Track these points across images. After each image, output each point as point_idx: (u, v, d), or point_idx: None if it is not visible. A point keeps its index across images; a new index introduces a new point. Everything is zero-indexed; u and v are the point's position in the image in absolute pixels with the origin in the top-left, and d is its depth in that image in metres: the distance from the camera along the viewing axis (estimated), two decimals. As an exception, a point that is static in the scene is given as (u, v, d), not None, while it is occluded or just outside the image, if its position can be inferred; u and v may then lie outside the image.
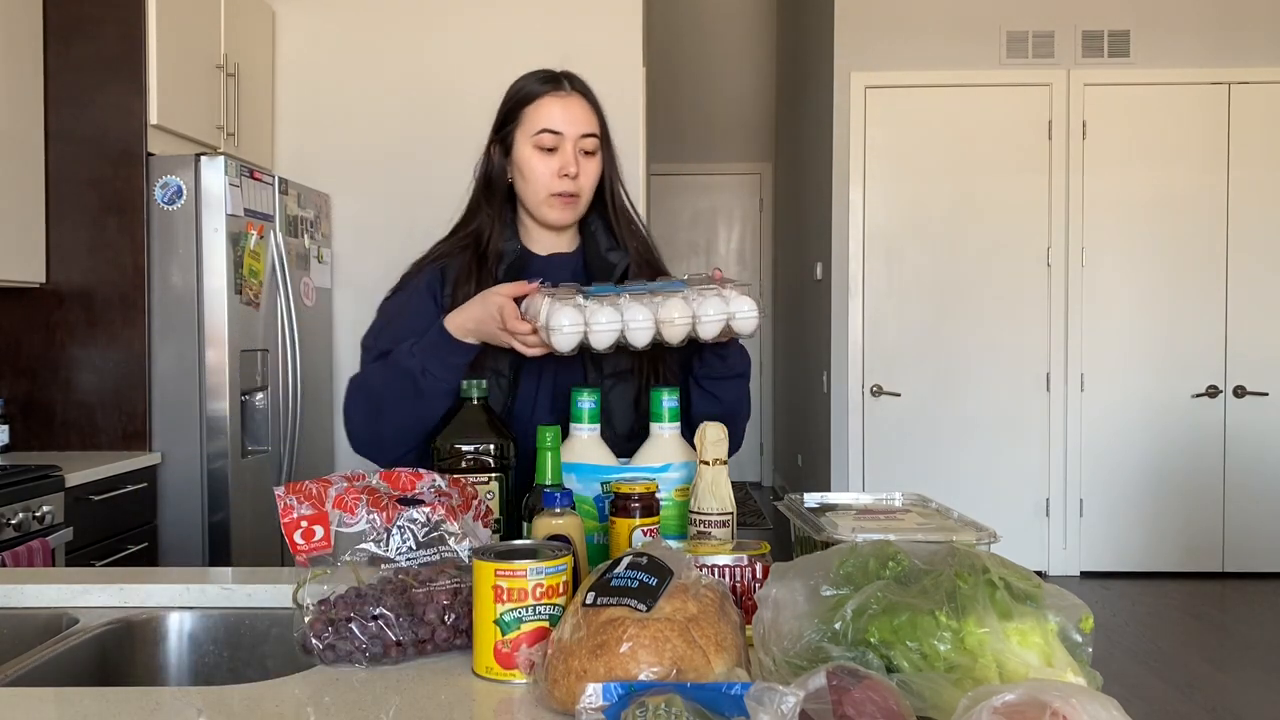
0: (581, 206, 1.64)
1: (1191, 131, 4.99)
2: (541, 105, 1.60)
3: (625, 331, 1.35)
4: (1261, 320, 4.98)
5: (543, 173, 1.60)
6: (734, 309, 1.37)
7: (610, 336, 1.35)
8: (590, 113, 1.62)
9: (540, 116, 1.60)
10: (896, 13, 5.00)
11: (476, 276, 1.61)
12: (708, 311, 1.36)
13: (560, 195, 1.60)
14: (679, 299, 1.37)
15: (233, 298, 3.22)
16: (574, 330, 1.33)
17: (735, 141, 7.73)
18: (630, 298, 1.36)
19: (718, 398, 1.56)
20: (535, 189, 1.61)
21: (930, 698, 0.88)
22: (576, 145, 1.60)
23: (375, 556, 1.19)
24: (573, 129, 1.59)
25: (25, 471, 2.67)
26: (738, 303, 1.37)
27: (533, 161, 1.60)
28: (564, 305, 1.34)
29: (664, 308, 1.36)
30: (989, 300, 5.03)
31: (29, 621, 1.37)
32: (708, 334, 1.37)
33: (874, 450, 5.05)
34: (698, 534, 1.31)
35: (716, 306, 1.36)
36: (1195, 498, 5.02)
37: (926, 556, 1.00)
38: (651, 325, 1.35)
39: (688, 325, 1.36)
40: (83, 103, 3.20)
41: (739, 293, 1.39)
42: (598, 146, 1.62)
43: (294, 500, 1.19)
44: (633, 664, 0.92)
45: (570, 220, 1.65)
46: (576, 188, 1.60)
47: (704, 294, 1.38)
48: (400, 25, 4.23)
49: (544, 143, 1.59)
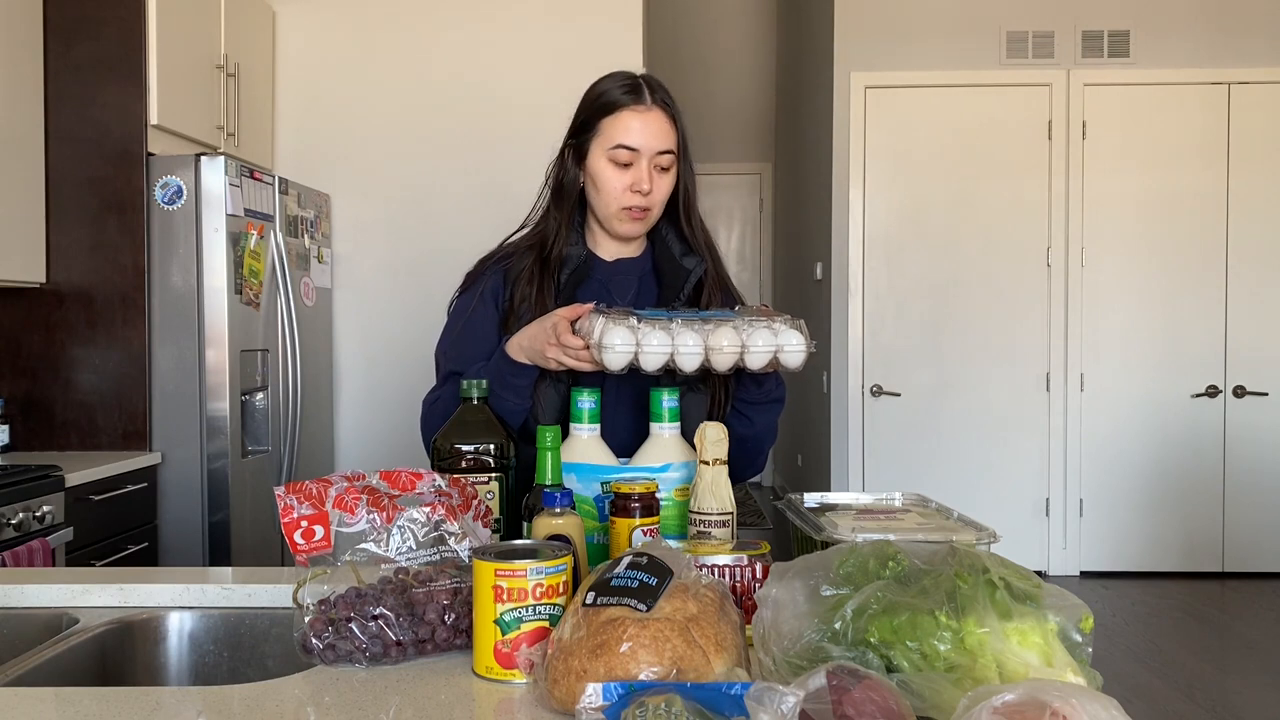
0: (652, 220, 1.64)
1: (1191, 131, 4.99)
2: (620, 119, 1.58)
3: (675, 355, 1.37)
4: (1261, 320, 4.98)
5: (616, 187, 1.59)
6: (782, 342, 1.39)
7: (660, 359, 1.37)
8: (669, 127, 1.60)
9: (618, 131, 1.58)
10: (896, 13, 5.00)
11: (539, 280, 1.61)
12: (757, 343, 1.38)
13: (631, 209, 1.60)
14: (729, 328, 1.39)
15: (233, 298, 3.22)
16: (625, 350, 1.35)
17: (735, 141, 7.73)
18: (682, 323, 1.38)
19: (751, 420, 1.57)
20: (607, 201, 1.60)
21: (930, 698, 0.88)
22: (652, 161, 1.58)
23: (375, 556, 1.19)
24: (650, 146, 1.57)
25: (25, 471, 2.67)
26: (786, 335, 1.39)
27: (606, 174, 1.59)
28: (617, 325, 1.36)
29: (714, 335, 1.37)
30: (989, 300, 5.03)
31: (29, 621, 1.37)
32: (755, 365, 1.39)
33: (874, 450, 5.05)
34: (698, 534, 1.31)
35: (766, 339, 1.39)
36: (1195, 498, 5.02)
37: (926, 556, 1.00)
38: (700, 352, 1.38)
39: (736, 354, 1.38)
40: (83, 103, 3.20)
41: (788, 326, 1.41)
42: (674, 162, 1.62)
43: (294, 500, 1.19)
44: (633, 664, 0.92)
45: (640, 233, 1.65)
46: (648, 203, 1.60)
47: (755, 325, 1.40)
48: (400, 25, 4.23)
49: (620, 158, 1.58)
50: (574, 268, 1.64)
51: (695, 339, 1.37)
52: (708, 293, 1.69)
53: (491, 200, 3.90)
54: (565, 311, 1.45)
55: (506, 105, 4.10)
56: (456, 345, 1.64)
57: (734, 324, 1.40)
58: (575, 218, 1.66)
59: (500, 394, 1.49)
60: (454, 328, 1.66)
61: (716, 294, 1.69)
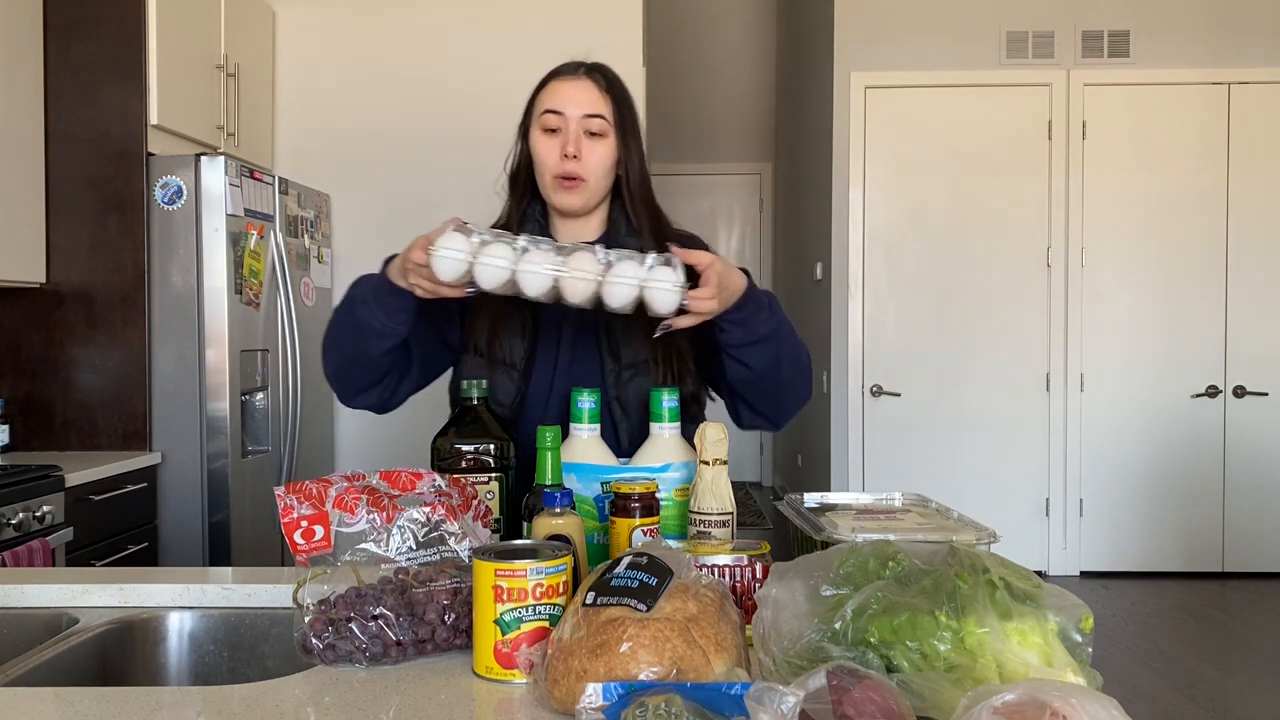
0: (589, 191, 1.60)
1: (1191, 131, 4.99)
2: (549, 88, 1.60)
3: (518, 275, 1.26)
4: (1261, 320, 4.98)
5: (546, 154, 1.58)
6: (650, 276, 1.24)
7: (498, 274, 1.25)
8: (599, 95, 1.59)
9: (546, 99, 1.59)
10: (896, 13, 5.00)
11: None
12: (622, 273, 1.25)
13: (562, 177, 1.57)
14: (588, 254, 1.26)
15: (233, 298, 3.22)
16: (455, 258, 1.24)
17: (735, 141, 7.73)
18: (540, 248, 1.27)
19: (747, 365, 1.49)
20: (541, 173, 1.60)
21: (930, 698, 0.88)
22: (580, 125, 1.57)
23: (375, 556, 1.19)
24: (576, 109, 1.57)
25: (25, 471, 2.67)
26: (658, 272, 1.24)
27: (538, 143, 1.59)
28: (455, 232, 1.26)
29: (572, 259, 1.25)
30: (989, 300, 5.03)
31: (29, 621, 1.37)
32: (615, 299, 1.26)
33: (874, 450, 5.05)
34: (698, 534, 1.31)
35: (630, 270, 1.25)
36: (1195, 498, 5.02)
37: (926, 556, 1.00)
38: (548, 274, 1.25)
39: (591, 284, 1.25)
40: (83, 103, 3.20)
41: (663, 264, 1.27)
42: (606, 128, 1.58)
43: (294, 500, 1.19)
44: (633, 664, 0.92)
45: (575, 205, 1.60)
46: (579, 169, 1.57)
47: (621, 255, 1.27)
48: (400, 25, 4.23)
49: (548, 124, 1.58)
50: None
51: (544, 259, 1.25)
52: None
53: (491, 200, 3.89)
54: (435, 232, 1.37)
55: (506, 105, 4.05)
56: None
57: (596, 252, 1.27)
58: (533, 206, 1.66)
59: (371, 305, 1.43)
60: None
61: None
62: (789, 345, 1.51)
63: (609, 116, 1.58)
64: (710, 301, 1.33)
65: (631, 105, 1.63)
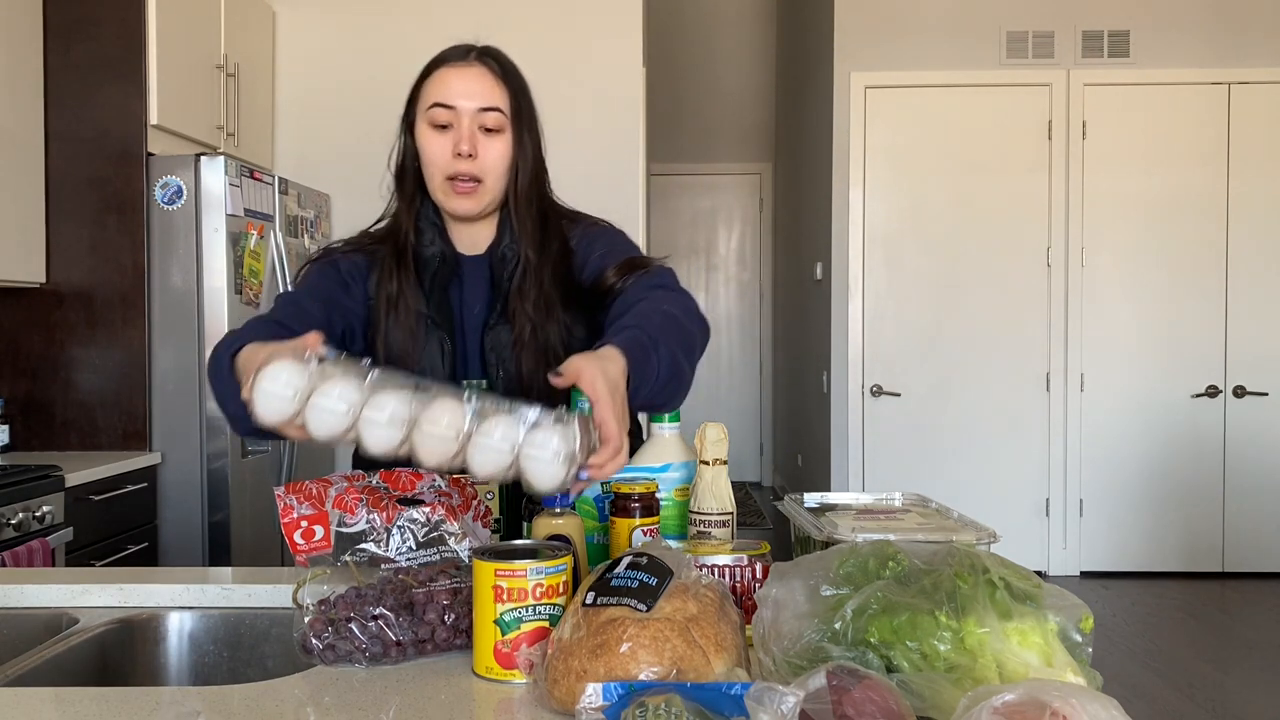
0: (487, 194, 1.43)
1: (1191, 131, 4.99)
2: (436, 76, 1.42)
3: (359, 426, 0.97)
4: (1261, 320, 4.98)
5: (436, 153, 1.41)
6: (527, 442, 0.95)
7: (331, 424, 0.97)
8: (495, 85, 1.41)
9: (435, 89, 1.41)
10: (896, 13, 5.00)
11: (398, 278, 1.44)
12: (487, 436, 0.96)
13: (456, 179, 1.40)
14: (452, 402, 0.97)
15: (233, 298, 3.22)
16: (280, 395, 0.96)
17: (735, 141, 7.73)
18: (390, 388, 0.97)
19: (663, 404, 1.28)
20: (431, 173, 1.42)
21: (930, 698, 0.88)
22: (474, 120, 1.39)
23: (375, 556, 1.19)
24: (469, 102, 1.39)
25: (25, 471, 2.67)
26: (538, 434, 0.94)
27: (426, 140, 1.41)
28: (289, 362, 0.97)
29: (430, 409, 0.96)
30: (989, 300, 5.03)
31: (29, 621, 1.37)
32: (481, 469, 0.98)
33: (874, 450, 5.05)
34: (698, 534, 1.31)
35: (499, 432, 0.95)
36: (1195, 498, 5.02)
37: (926, 556, 1.00)
38: (395, 427, 0.97)
39: (449, 445, 0.97)
40: (83, 103, 3.20)
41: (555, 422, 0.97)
42: (504, 124, 1.41)
43: (294, 500, 1.19)
44: (633, 664, 0.92)
45: (472, 209, 1.43)
46: (476, 169, 1.40)
47: (498, 411, 0.97)
48: (400, 25, 4.23)
49: (437, 118, 1.40)
50: (435, 268, 1.46)
51: (394, 405, 0.95)
52: (517, 286, 1.44)
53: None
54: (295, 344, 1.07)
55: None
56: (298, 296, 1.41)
57: (463, 399, 0.97)
58: (426, 206, 1.48)
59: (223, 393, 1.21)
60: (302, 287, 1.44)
61: (530, 291, 1.43)
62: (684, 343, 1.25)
63: (505, 109, 1.41)
64: (616, 459, 1.03)
65: (528, 93, 1.45)
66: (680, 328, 1.25)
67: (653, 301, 1.29)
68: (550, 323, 1.43)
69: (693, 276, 7.79)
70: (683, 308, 1.30)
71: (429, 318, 1.45)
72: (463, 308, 1.49)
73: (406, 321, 1.43)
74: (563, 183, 1.58)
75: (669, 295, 1.33)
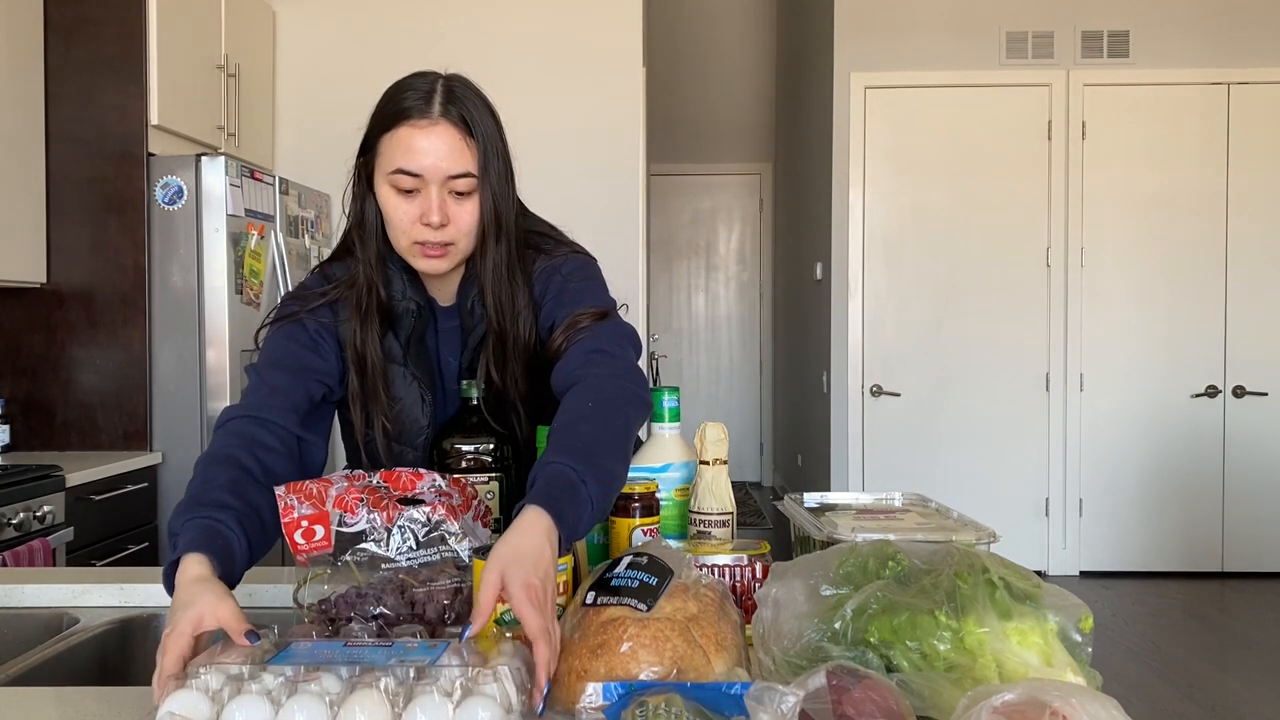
0: (459, 254, 1.36)
1: (1191, 131, 4.99)
2: (398, 137, 1.29)
3: None
4: (1261, 320, 4.98)
5: (402, 219, 1.31)
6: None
7: None
8: (463, 147, 1.29)
9: (397, 152, 1.28)
10: (896, 13, 5.00)
11: (369, 332, 1.39)
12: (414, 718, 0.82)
13: (424, 245, 1.32)
14: (374, 695, 0.84)
15: (233, 298, 3.23)
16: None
17: (735, 141, 7.73)
18: (310, 691, 0.85)
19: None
20: (396, 235, 1.34)
21: (930, 697, 0.88)
22: (443, 189, 1.30)
23: (375, 556, 1.19)
24: (437, 170, 1.28)
25: (26, 471, 2.67)
26: (469, 708, 0.82)
27: (390, 203, 1.31)
28: (189, 694, 0.88)
29: (351, 700, 0.83)
30: (989, 300, 5.03)
31: (29, 621, 1.37)
32: None
33: (874, 450, 5.05)
34: (698, 534, 1.31)
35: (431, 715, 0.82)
36: (1195, 498, 5.02)
37: (926, 556, 1.00)
38: None
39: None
40: (83, 103, 3.21)
41: (489, 679, 0.86)
42: (474, 186, 1.31)
43: (294, 500, 1.19)
44: (633, 663, 0.92)
45: (444, 269, 1.37)
46: (446, 236, 1.31)
47: (423, 689, 0.84)
48: (400, 25, 4.23)
49: (401, 184, 1.29)
50: (412, 323, 1.41)
51: (313, 711, 0.82)
52: (485, 349, 1.41)
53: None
54: (222, 620, 1.01)
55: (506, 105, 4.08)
56: (273, 360, 1.36)
57: (386, 687, 0.84)
58: (394, 257, 1.39)
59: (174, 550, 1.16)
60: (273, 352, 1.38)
61: (495, 355, 1.40)
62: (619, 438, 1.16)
63: (475, 169, 1.30)
64: (548, 648, 0.91)
65: (495, 136, 1.33)
66: (611, 418, 1.17)
67: (584, 388, 1.21)
68: (523, 382, 1.43)
69: (693, 276, 7.79)
70: (616, 386, 1.22)
71: (409, 372, 1.43)
72: (440, 359, 1.48)
73: (383, 378, 1.41)
74: (563, 183, 1.58)
75: (605, 367, 1.26)
